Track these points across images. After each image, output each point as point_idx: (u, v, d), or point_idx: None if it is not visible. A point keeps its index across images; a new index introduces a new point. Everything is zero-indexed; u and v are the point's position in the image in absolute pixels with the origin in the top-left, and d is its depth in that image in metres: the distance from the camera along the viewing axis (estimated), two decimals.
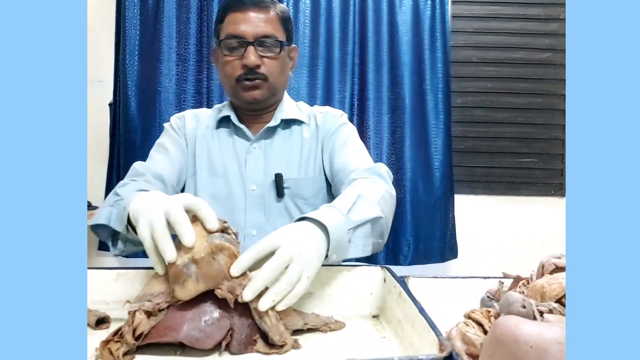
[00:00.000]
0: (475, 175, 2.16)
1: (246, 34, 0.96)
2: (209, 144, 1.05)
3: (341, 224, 0.69)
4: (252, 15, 0.97)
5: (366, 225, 0.74)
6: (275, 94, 1.03)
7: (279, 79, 1.02)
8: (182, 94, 1.92)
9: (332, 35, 1.96)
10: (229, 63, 0.98)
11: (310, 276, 0.60)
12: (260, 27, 0.96)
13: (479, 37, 2.15)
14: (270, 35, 0.97)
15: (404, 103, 1.99)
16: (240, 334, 0.55)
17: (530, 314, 0.47)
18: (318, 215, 0.68)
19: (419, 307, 0.51)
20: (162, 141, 1.06)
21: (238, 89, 0.99)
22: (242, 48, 0.96)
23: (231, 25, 0.97)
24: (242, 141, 1.04)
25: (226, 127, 1.06)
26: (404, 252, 1.99)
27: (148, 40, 1.91)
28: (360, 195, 0.78)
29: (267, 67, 0.98)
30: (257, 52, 0.96)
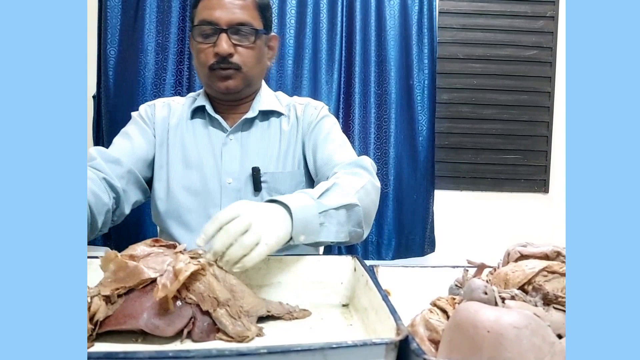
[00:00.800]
0: (460, 171, 2.16)
1: (220, 20, 0.92)
2: (183, 135, 1.01)
3: (308, 206, 0.69)
4: (227, 1, 0.92)
5: (340, 211, 0.74)
6: (250, 85, 1.00)
7: (254, 69, 0.98)
8: (160, 84, 1.89)
9: (319, 27, 1.94)
10: (202, 50, 0.95)
11: (269, 243, 0.61)
12: (235, 13, 0.92)
13: (466, 34, 2.15)
14: (245, 23, 0.93)
15: (390, 98, 1.98)
16: (203, 321, 0.54)
17: (492, 300, 0.47)
18: (283, 198, 0.69)
19: (383, 294, 0.51)
20: (127, 129, 1.02)
21: (211, 77, 0.96)
22: (215, 35, 0.93)
23: (205, 10, 0.93)
24: (218, 132, 1.01)
25: (201, 118, 1.03)
26: (387, 246, 2.00)
27: (129, 30, 1.88)
28: (336, 183, 0.78)
29: (241, 57, 0.94)
30: (231, 40, 0.93)
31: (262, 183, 0.97)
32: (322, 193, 0.74)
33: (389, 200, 1.99)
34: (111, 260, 0.56)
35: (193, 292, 0.55)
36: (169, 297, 0.53)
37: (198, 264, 0.56)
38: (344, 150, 0.98)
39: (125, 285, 0.55)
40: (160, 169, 1.01)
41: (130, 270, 0.55)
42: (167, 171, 1.00)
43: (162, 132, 1.02)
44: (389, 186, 1.98)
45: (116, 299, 0.54)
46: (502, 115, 2.15)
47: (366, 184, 0.84)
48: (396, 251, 1.99)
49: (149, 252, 0.58)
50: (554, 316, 0.44)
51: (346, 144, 1.02)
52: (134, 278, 0.55)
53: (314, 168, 1.00)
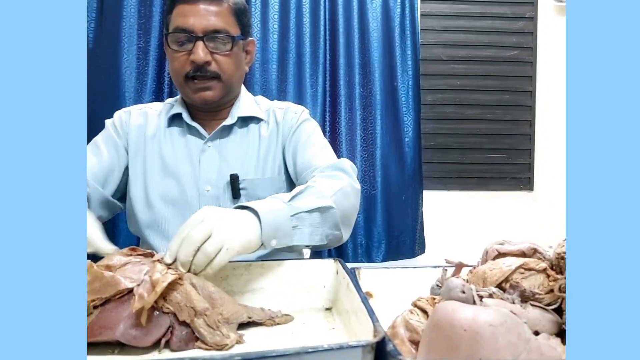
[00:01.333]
0: (447, 171, 2.17)
1: (195, 27, 0.89)
2: (160, 143, 0.99)
3: (279, 210, 0.69)
4: (202, 8, 0.90)
5: (313, 213, 0.73)
6: (229, 92, 0.98)
7: (233, 77, 0.96)
8: (141, 88, 1.86)
9: (303, 30, 1.94)
10: (177, 59, 0.92)
11: (232, 247, 0.60)
12: (210, 20, 0.90)
13: (448, 35, 2.16)
14: (221, 30, 0.91)
15: (375, 100, 1.99)
16: (181, 330, 0.53)
17: (470, 298, 0.47)
18: (252, 203, 0.69)
19: (362, 296, 0.50)
20: (97, 140, 1.01)
21: (187, 88, 0.94)
22: (190, 43, 0.90)
23: (180, 17, 0.91)
24: (196, 140, 0.99)
25: (179, 126, 1.01)
26: (378, 249, 2.00)
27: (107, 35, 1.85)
28: (309, 186, 0.77)
29: (219, 65, 0.93)
30: (207, 48, 0.91)
31: (240, 190, 0.95)
32: (294, 196, 0.73)
33: (377, 202, 1.99)
34: (87, 271, 0.55)
35: (170, 302, 0.54)
36: (145, 309, 0.52)
37: (175, 274, 0.55)
38: (324, 154, 0.97)
39: (102, 297, 0.53)
40: (136, 179, 0.98)
41: (107, 281, 0.54)
42: (144, 181, 0.97)
43: (137, 141, 1.00)
44: (376, 188, 1.99)
45: (92, 310, 0.53)
46: (486, 115, 2.17)
47: (345, 186, 0.83)
48: (387, 253, 1.99)
49: (126, 262, 0.57)
50: (530, 313, 0.44)
51: (327, 147, 1.00)
52: (110, 289, 0.54)
53: (294, 173, 0.99)
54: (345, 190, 0.83)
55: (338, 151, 1.97)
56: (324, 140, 1.03)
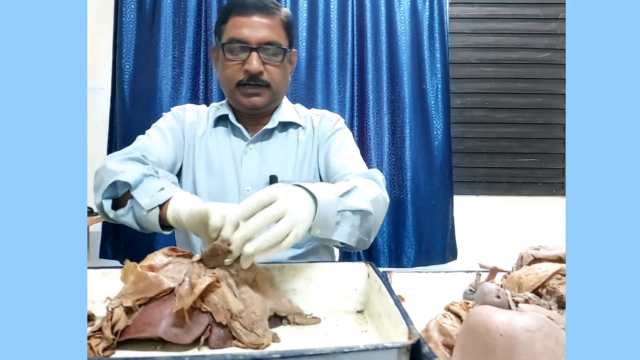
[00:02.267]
0: (475, 175, 2.15)
1: (250, 39, 0.94)
2: (207, 142, 1.04)
3: (331, 202, 0.69)
4: (256, 20, 0.94)
5: (356, 215, 0.74)
6: (276, 100, 1.03)
7: (281, 86, 1.01)
8: (177, 97, 1.93)
9: (330, 37, 1.97)
10: (230, 67, 0.97)
11: (298, 233, 0.60)
12: (264, 33, 0.94)
13: (477, 38, 2.15)
14: (274, 42, 0.95)
15: (403, 104, 1.99)
16: (219, 329, 0.55)
17: (505, 303, 0.47)
18: (311, 187, 0.68)
19: (395, 299, 0.51)
20: (161, 125, 1.03)
21: (237, 93, 0.98)
22: (244, 53, 0.95)
23: (234, 28, 0.95)
24: (239, 141, 1.04)
25: (224, 126, 1.06)
26: (407, 254, 1.99)
27: (144, 45, 1.93)
28: (356, 187, 0.78)
29: (270, 74, 0.97)
30: (260, 58, 0.95)
31: None
32: (345, 193, 0.73)
33: (407, 206, 1.98)
34: (131, 272, 0.58)
35: (208, 303, 0.56)
36: (184, 309, 0.54)
37: (213, 276, 0.57)
38: (355, 161, 1.00)
39: (146, 296, 0.56)
40: (187, 174, 1.03)
41: (151, 281, 0.56)
42: (192, 176, 1.02)
43: (190, 136, 1.05)
44: (405, 192, 1.98)
45: (137, 309, 0.55)
46: (517, 118, 2.14)
47: (379, 195, 0.84)
48: (416, 259, 1.98)
49: (167, 262, 0.60)
50: None
51: (357, 156, 1.03)
52: (154, 288, 0.56)
53: (325, 176, 1.02)
54: (378, 200, 0.84)
55: (366, 155, 1.97)
56: (356, 148, 1.06)
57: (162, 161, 0.96)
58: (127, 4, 1.93)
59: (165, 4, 1.92)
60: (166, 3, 1.93)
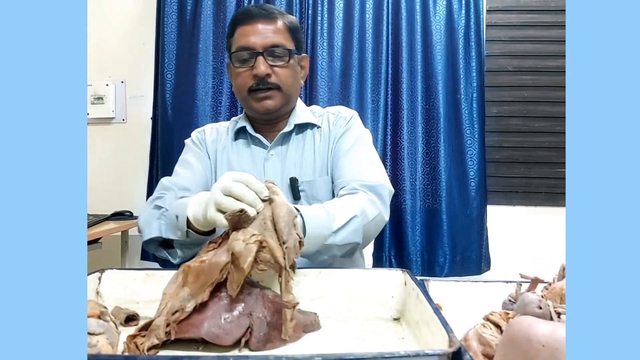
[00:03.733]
0: (512, 185, 2.11)
1: (255, 44, 0.98)
2: (229, 155, 1.07)
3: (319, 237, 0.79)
4: (261, 27, 0.99)
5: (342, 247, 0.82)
6: (288, 103, 1.05)
7: (292, 88, 1.04)
8: (217, 106, 1.98)
9: (365, 47, 1.98)
10: (240, 75, 1.01)
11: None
12: (268, 37, 0.99)
13: (515, 46, 2.11)
14: (278, 45, 0.99)
15: (438, 112, 1.97)
16: (259, 331, 0.57)
17: (547, 314, 0.46)
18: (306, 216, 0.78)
19: (434, 307, 0.51)
20: (185, 157, 1.09)
21: (250, 100, 1.02)
22: (252, 59, 0.99)
23: (241, 37, 1.00)
24: (259, 149, 1.07)
25: (243, 138, 1.09)
26: (440, 263, 1.96)
27: (185, 54, 1.99)
28: (355, 216, 0.84)
29: (279, 76, 1.00)
30: (267, 61, 0.99)
31: (300, 192, 1.01)
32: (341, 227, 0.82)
33: (441, 216, 1.96)
34: (188, 272, 0.60)
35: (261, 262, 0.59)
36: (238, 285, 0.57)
37: (256, 242, 0.59)
38: (361, 168, 0.99)
39: (212, 282, 0.58)
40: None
41: (208, 269, 0.59)
42: None
43: (212, 154, 1.09)
44: (439, 202, 1.96)
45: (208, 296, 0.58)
46: (555, 127, 2.09)
47: (377, 216, 0.90)
48: (450, 269, 1.95)
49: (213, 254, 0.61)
50: None
51: (366, 161, 1.02)
52: (214, 271, 0.58)
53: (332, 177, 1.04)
54: (376, 222, 0.90)
55: (399, 164, 1.97)
56: (367, 151, 1.04)
57: (193, 190, 1.00)
58: (169, 15, 2.00)
59: (205, 14, 1.98)
60: (206, 14, 1.98)
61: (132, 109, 2.19)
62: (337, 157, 1.03)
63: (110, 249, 1.95)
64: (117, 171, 2.18)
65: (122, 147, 2.19)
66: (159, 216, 0.87)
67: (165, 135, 2.01)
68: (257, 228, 0.61)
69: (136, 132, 2.18)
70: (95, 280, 0.70)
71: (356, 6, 1.97)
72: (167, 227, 0.84)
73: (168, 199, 0.91)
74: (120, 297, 0.70)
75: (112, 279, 0.71)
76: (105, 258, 1.93)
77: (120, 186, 2.17)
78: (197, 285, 0.58)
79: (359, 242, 0.86)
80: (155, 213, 0.88)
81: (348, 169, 0.98)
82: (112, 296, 0.70)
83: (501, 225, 2.05)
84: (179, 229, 0.82)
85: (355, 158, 1.01)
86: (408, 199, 1.96)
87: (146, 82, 2.13)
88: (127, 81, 2.19)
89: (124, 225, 1.84)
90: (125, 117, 2.20)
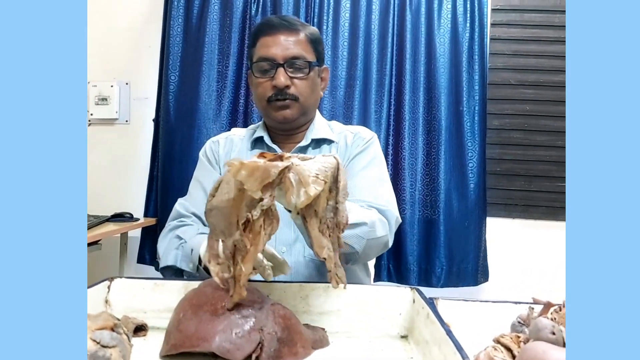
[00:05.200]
0: (512, 198, 2.12)
1: (276, 56, 0.99)
2: None
3: None
4: (282, 38, 1.00)
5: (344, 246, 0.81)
6: (306, 114, 1.06)
7: (310, 99, 1.04)
8: (220, 110, 1.99)
9: (370, 57, 1.99)
10: (260, 85, 1.02)
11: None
12: (290, 49, 1.00)
13: (518, 60, 2.13)
14: (299, 57, 1.00)
15: (439, 124, 1.99)
16: (270, 347, 0.57)
17: (560, 340, 0.47)
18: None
19: (446, 329, 0.52)
20: (198, 176, 1.09)
21: (269, 109, 1.03)
22: (272, 70, 1.00)
23: (262, 48, 1.01)
24: None
25: (260, 148, 1.09)
26: (437, 274, 1.97)
27: (190, 58, 1.99)
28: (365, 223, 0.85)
29: (297, 88, 1.01)
30: (287, 73, 0.99)
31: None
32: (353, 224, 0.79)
33: (439, 227, 1.97)
34: (240, 168, 0.54)
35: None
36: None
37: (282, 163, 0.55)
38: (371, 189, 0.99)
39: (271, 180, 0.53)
40: None
41: (264, 167, 0.54)
42: None
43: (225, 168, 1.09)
44: (438, 213, 1.97)
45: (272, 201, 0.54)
46: (556, 142, 2.10)
47: (383, 237, 0.90)
48: (447, 279, 1.96)
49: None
50: None
51: (377, 182, 1.02)
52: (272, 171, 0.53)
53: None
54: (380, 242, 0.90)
55: (400, 175, 1.98)
56: (380, 175, 1.04)
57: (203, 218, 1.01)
58: (175, 18, 2.00)
59: (211, 19, 1.99)
60: (212, 18, 1.99)
61: (136, 110, 2.19)
62: (349, 175, 1.02)
63: (110, 250, 1.95)
64: (119, 172, 2.18)
65: (125, 149, 2.19)
66: (178, 246, 0.91)
67: (167, 138, 2.01)
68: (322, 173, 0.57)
69: (139, 133, 2.18)
70: (104, 289, 0.70)
71: (362, 17, 1.98)
72: (182, 258, 0.89)
73: (189, 231, 0.95)
74: (128, 306, 0.70)
75: (121, 288, 0.71)
76: (105, 260, 1.93)
77: (121, 187, 2.17)
78: (251, 180, 0.53)
79: (358, 250, 0.85)
80: (175, 243, 0.93)
81: (359, 189, 0.98)
82: (121, 305, 0.70)
83: (501, 237, 2.06)
84: (191, 262, 0.86)
85: (368, 179, 1.01)
86: (407, 209, 1.97)
87: (151, 84, 2.13)
88: (132, 83, 2.19)
89: (124, 227, 1.84)
90: (129, 118, 2.19)
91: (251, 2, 2.00)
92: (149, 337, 0.65)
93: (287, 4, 1.98)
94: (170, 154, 1.99)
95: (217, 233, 0.57)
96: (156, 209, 2.05)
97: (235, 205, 0.55)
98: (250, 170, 0.53)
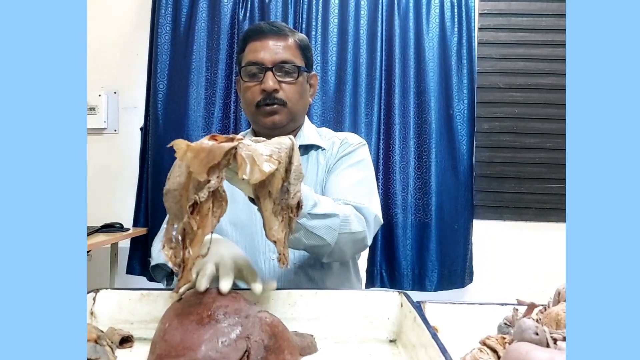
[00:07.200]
0: (503, 200, 2.13)
1: (265, 60, 0.99)
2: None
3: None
4: (271, 43, 1.00)
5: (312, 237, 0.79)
6: (294, 119, 1.05)
7: (298, 105, 1.04)
8: (209, 118, 1.98)
9: (359, 62, 2.00)
10: (249, 89, 1.02)
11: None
12: (278, 53, 0.99)
13: (506, 63, 2.15)
14: (288, 61, 1.00)
15: (430, 128, 2.00)
16: (257, 355, 0.56)
17: (544, 341, 0.47)
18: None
19: (432, 332, 0.52)
20: None
21: (258, 115, 1.02)
22: (261, 74, 0.99)
23: (251, 53, 1.01)
24: None
25: None
26: (431, 278, 1.97)
27: (179, 65, 1.99)
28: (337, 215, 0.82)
29: (286, 93, 1.00)
30: (276, 77, 0.99)
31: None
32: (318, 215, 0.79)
33: (431, 230, 1.97)
34: (186, 150, 0.53)
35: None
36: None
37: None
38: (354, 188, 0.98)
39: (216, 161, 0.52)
40: None
41: (210, 148, 0.53)
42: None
43: None
44: (430, 217, 1.98)
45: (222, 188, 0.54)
46: (546, 144, 2.12)
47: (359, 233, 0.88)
48: (439, 283, 1.96)
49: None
50: None
51: (360, 183, 1.01)
52: (218, 153, 0.52)
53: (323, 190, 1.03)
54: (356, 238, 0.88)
55: (391, 179, 1.98)
56: (364, 177, 1.03)
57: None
58: (162, 26, 2.00)
59: (199, 26, 1.99)
60: (200, 26, 1.99)
61: (124, 119, 2.18)
62: (331, 174, 1.02)
63: (100, 261, 1.93)
64: (108, 182, 2.17)
65: (114, 158, 2.18)
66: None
67: (156, 147, 2.00)
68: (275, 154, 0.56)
69: (128, 143, 2.16)
70: (90, 301, 0.69)
71: (350, 22, 2.00)
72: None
73: None
74: (115, 317, 0.69)
75: (107, 299, 0.70)
76: (95, 271, 1.91)
77: (110, 198, 2.15)
78: (197, 162, 0.52)
79: (329, 243, 0.82)
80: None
81: (339, 188, 0.97)
82: (107, 316, 0.69)
83: (492, 239, 2.07)
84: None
85: (348, 179, 1.00)
86: (399, 213, 1.98)
87: (139, 93, 2.13)
88: (120, 92, 2.18)
89: (114, 237, 1.82)
90: (117, 127, 2.18)
91: (239, 9, 2.01)
92: (135, 348, 0.65)
93: (276, 10, 1.99)
94: (159, 163, 1.98)
95: (172, 217, 0.57)
96: (146, 219, 2.03)
97: (185, 188, 0.55)
98: (195, 152, 0.52)
